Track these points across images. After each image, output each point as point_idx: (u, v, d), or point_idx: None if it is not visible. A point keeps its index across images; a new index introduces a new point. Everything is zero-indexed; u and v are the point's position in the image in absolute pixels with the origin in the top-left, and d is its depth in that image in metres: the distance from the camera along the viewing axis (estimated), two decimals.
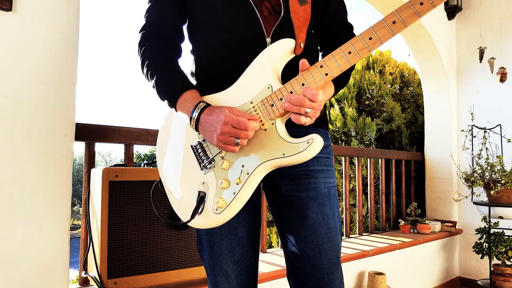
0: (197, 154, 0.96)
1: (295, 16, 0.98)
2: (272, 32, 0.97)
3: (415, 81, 4.54)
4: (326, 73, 0.87)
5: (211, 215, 0.90)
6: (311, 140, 0.85)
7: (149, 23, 1.05)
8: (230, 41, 1.00)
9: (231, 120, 0.86)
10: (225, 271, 1.03)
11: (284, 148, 0.87)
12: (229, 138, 0.87)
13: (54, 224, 1.39)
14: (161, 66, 1.00)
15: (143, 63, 1.02)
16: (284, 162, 0.88)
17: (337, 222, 1.01)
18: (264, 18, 0.99)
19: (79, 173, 11.43)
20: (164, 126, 1.06)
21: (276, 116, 0.90)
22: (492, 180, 2.84)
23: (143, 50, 1.03)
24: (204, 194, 0.92)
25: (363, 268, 2.55)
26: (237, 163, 0.91)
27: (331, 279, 0.97)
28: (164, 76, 0.99)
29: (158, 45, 1.03)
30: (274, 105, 0.89)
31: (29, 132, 1.34)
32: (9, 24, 1.32)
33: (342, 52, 0.86)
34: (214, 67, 1.03)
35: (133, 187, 1.50)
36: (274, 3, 1.00)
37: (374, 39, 0.85)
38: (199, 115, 0.91)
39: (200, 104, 0.92)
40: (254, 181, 0.89)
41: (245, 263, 1.05)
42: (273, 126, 0.90)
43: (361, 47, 0.85)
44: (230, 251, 1.03)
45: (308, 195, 0.99)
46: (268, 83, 0.91)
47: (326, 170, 1.03)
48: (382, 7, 3.15)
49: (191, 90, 0.97)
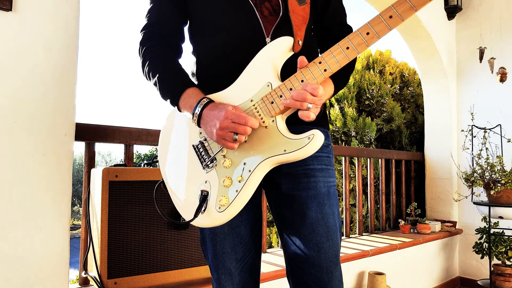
0: (199, 153, 0.97)
1: (294, 15, 0.98)
2: (272, 32, 0.98)
3: (415, 81, 4.54)
4: (325, 69, 0.88)
5: (214, 214, 0.91)
6: (312, 135, 0.86)
7: (150, 23, 1.06)
8: (230, 42, 1.00)
9: (231, 114, 0.86)
10: (228, 269, 1.04)
11: (285, 144, 0.88)
12: (228, 133, 0.88)
13: (54, 224, 1.39)
14: (162, 66, 1.01)
15: (144, 62, 1.03)
16: (286, 159, 0.88)
17: (336, 221, 1.02)
18: (264, 18, 0.99)
19: (79, 173, 11.43)
20: (166, 126, 1.07)
21: (277, 113, 0.90)
22: (492, 180, 2.84)
23: (144, 49, 1.04)
24: (206, 193, 0.93)
25: (363, 268, 2.55)
26: (238, 161, 0.91)
27: (330, 278, 0.98)
28: (166, 75, 1.00)
29: (159, 45, 1.04)
30: (274, 102, 0.90)
31: (29, 132, 1.34)
32: (9, 24, 1.32)
33: (340, 47, 0.87)
34: (214, 67, 1.04)
35: (133, 187, 1.50)
36: (274, 3, 1.01)
37: (371, 34, 0.85)
38: (202, 110, 0.92)
39: (203, 100, 0.93)
40: (256, 178, 0.90)
41: (247, 260, 1.06)
42: (273, 123, 0.90)
43: (359, 42, 0.86)
44: (233, 249, 1.04)
45: (307, 194, 1.00)
46: (268, 80, 0.92)
47: (326, 169, 1.04)
48: (382, 6, 3.15)
49: (193, 87, 0.98)
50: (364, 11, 3.71)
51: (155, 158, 1.75)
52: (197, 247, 1.63)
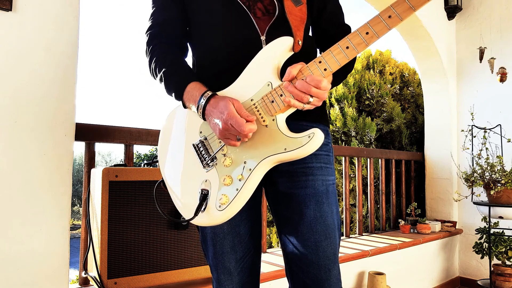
0: (199, 152, 0.97)
1: (291, 15, 0.99)
2: (267, 30, 1.00)
3: (415, 81, 4.54)
4: (325, 68, 0.89)
5: (214, 212, 0.91)
6: (312, 134, 0.87)
7: (155, 24, 1.09)
8: (226, 43, 1.02)
9: (231, 118, 0.87)
10: (227, 268, 1.05)
11: (286, 143, 0.89)
12: (230, 134, 0.89)
13: (54, 224, 1.39)
14: (167, 62, 1.03)
15: (151, 60, 1.06)
16: (286, 157, 0.89)
17: (335, 220, 1.02)
18: (257, 19, 1.01)
19: (79, 173, 11.43)
20: (165, 126, 1.08)
21: (277, 112, 0.91)
22: (492, 180, 2.84)
23: (151, 48, 1.07)
24: (206, 192, 0.93)
25: (363, 268, 2.55)
26: (239, 160, 0.92)
27: (328, 276, 0.98)
28: (171, 70, 1.02)
29: (165, 43, 1.07)
30: (275, 101, 0.91)
31: (29, 132, 1.34)
32: (9, 24, 1.32)
33: (340, 47, 0.88)
34: (213, 68, 1.05)
35: (133, 187, 1.50)
36: (266, 3, 1.02)
37: (371, 33, 0.86)
38: (205, 103, 0.93)
39: (207, 93, 0.95)
40: (256, 177, 0.90)
41: (247, 260, 1.07)
42: (274, 122, 0.91)
43: (359, 42, 0.87)
44: (233, 249, 1.04)
45: (305, 192, 1.00)
46: (268, 80, 0.92)
47: (325, 168, 1.04)
48: (382, 6, 3.15)
49: (196, 81, 0.99)
50: (364, 10, 3.66)
51: (155, 158, 1.75)
52: (197, 247, 1.63)
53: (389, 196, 3.56)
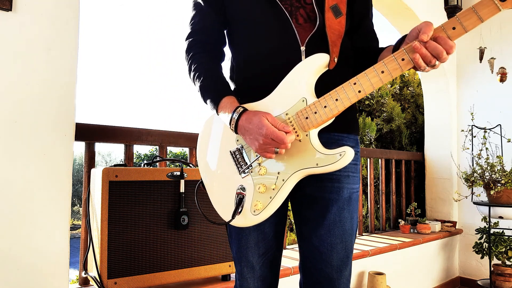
0: (236, 160, 1.04)
1: (330, 30, 1.02)
2: (307, 41, 1.02)
3: (415, 81, 4.54)
4: (359, 90, 0.92)
5: (249, 216, 0.99)
6: (343, 152, 0.92)
7: (194, 31, 1.14)
8: (265, 48, 1.06)
9: (271, 133, 0.91)
10: (250, 262, 1.12)
11: (318, 158, 0.94)
12: (269, 147, 0.94)
13: (54, 224, 1.39)
14: (203, 74, 1.09)
15: (190, 68, 1.12)
16: (317, 171, 0.94)
17: (353, 226, 1.09)
18: (299, 26, 1.03)
19: (79, 173, 11.42)
20: (204, 131, 1.15)
21: (310, 128, 0.95)
22: (492, 180, 2.84)
23: (190, 56, 1.12)
24: (242, 196, 1.00)
25: (363, 268, 2.55)
26: (273, 170, 0.98)
27: (339, 276, 1.06)
28: (209, 81, 1.08)
29: (204, 52, 1.12)
30: (309, 118, 0.94)
31: (29, 132, 1.35)
32: (9, 24, 1.32)
33: (376, 71, 0.90)
34: (250, 74, 1.10)
35: (133, 187, 1.50)
36: (308, 10, 1.04)
37: (406, 60, 0.89)
38: (238, 118, 0.98)
39: (239, 109, 0.99)
40: (288, 187, 0.97)
41: (268, 256, 1.14)
42: (307, 137, 0.95)
43: (394, 67, 0.90)
44: (256, 244, 1.11)
45: (330, 197, 1.06)
46: (303, 96, 0.96)
47: (352, 176, 1.10)
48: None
49: (229, 96, 1.04)
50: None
51: (155, 158, 1.75)
52: (197, 247, 1.63)
53: (389, 196, 3.56)
